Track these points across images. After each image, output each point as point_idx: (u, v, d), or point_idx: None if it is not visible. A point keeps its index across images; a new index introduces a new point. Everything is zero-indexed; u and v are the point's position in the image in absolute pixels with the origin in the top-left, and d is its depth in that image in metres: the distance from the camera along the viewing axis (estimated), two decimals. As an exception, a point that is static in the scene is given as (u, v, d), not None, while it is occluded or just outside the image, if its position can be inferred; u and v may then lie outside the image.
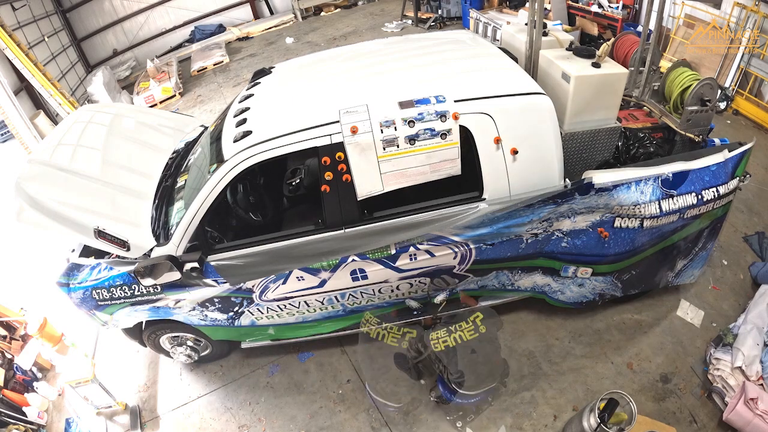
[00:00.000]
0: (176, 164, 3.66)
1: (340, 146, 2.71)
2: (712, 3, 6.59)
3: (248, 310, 3.30)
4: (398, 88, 2.90)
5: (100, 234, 2.88)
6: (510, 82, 2.94)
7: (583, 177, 2.92)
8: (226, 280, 3.04)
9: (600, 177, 2.90)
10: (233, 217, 3.34)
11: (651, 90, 3.60)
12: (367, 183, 2.75)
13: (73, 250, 3.33)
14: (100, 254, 3.23)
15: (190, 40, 12.00)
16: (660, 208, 2.94)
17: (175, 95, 9.37)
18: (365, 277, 3.14)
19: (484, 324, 2.91)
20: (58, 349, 3.99)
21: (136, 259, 2.97)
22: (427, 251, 3.05)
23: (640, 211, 2.94)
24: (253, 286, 3.12)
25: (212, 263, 2.99)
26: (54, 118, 7.99)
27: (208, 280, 3.06)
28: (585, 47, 3.20)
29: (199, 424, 3.59)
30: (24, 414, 3.48)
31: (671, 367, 3.52)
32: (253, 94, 3.30)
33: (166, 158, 3.68)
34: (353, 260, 3.02)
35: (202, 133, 3.98)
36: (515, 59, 3.40)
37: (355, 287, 3.22)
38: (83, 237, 2.90)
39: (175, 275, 2.91)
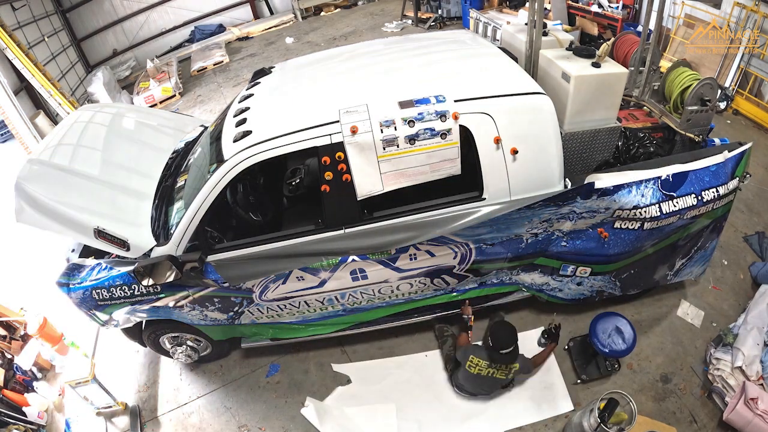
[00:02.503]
0: (176, 164, 3.66)
1: (340, 146, 2.71)
2: (712, 3, 6.59)
3: (248, 310, 3.30)
4: (398, 88, 2.90)
5: (100, 234, 2.88)
6: (510, 82, 2.94)
7: (585, 180, 2.92)
8: (226, 280, 3.04)
9: (603, 180, 2.90)
10: (233, 217, 3.33)
11: (651, 90, 3.61)
12: (367, 183, 2.75)
13: (73, 250, 3.34)
14: (100, 254, 3.23)
15: (190, 40, 11.99)
16: (660, 210, 2.94)
17: (175, 95, 9.37)
18: (365, 277, 3.14)
19: (515, 375, 3.18)
20: (58, 349, 3.99)
21: (136, 259, 2.97)
22: (428, 251, 3.05)
23: (641, 214, 2.94)
24: (253, 286, 3.12)
25: (212, 263, 2.99)
26: (54, 118, 7.99)
27: (208, 280, 3.06)
28: (585, 47, 3.20)
29: (199, 424, 3.59)
30: (24, 414, 3.48)
31: (671, 367, 3.52)
32: (252, 94, 3.30)
33: (166, 158, 3.68)
34: (353, 260, 3.02)
35: (202, 133, 3.97)
36: (515, 59, 3.40)
37: (355, 287, 3.22)
38: (83, 237, 2.90)
39: (175, 275, 2.91)
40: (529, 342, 3.70)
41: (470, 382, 3.27)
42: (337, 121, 2.71)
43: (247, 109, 3.10)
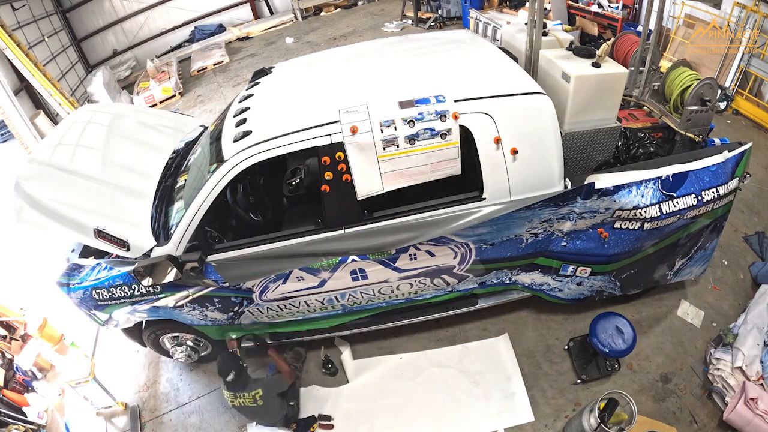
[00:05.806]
0: (176, 164, 3.66)
1: (340, 146, 2.71)
2: (712, 3, 6.60)
3: (248, 310, 3.30)
4: (398, 88, 2.90)
5: (100, 234, 2.89)
6: (510, 82, 2.94)
7: (585, 180, 2.92)
8: (226, 280, 3.04)
9: (603, 180, 2.90)
10: (233, 217, 3.33)
11: (651, 90, 3.61)
12: (367, 183, 2.75)
13: (73, 250, 3.34)
14: (100, 254, 3.23)
15: (190, 40, 11.99)
16: (660, 210, 2.94)
17: (175, 95, 9.37)
18: (365, 277, 3.14)
19: (263, 399, 3.11)
20: (58, 349, 3.99)
21: (136, 259, 2.97)
22: (428, 251, 3.05)
23: (641, 214, 2.94)
24: (253, 286, 3.12)
25: (212, 263, 2.99)
26: (54, 118, 7.99)
27: (208, 280, 3.06)
28: (585, 47, 3.20)
29: (199, 424, 3.59)
30: (24, 414, 3.48)
31: (671, 367, 3.52)
32: (252, 94, 3.30)
33: (166, 158, 3.68)
34: (353, 260, 3.02)
35: (202, 133, 3.98)
36: (515, 59, 3.40)
37: (355, 287, 3.22)
38: (83, 237, 2.90)
39: (175, 275, 2.91)
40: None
41: (238, 411, 3.30)
42: (337, 121, 2.71)
43: (247, 109, 3.10)
